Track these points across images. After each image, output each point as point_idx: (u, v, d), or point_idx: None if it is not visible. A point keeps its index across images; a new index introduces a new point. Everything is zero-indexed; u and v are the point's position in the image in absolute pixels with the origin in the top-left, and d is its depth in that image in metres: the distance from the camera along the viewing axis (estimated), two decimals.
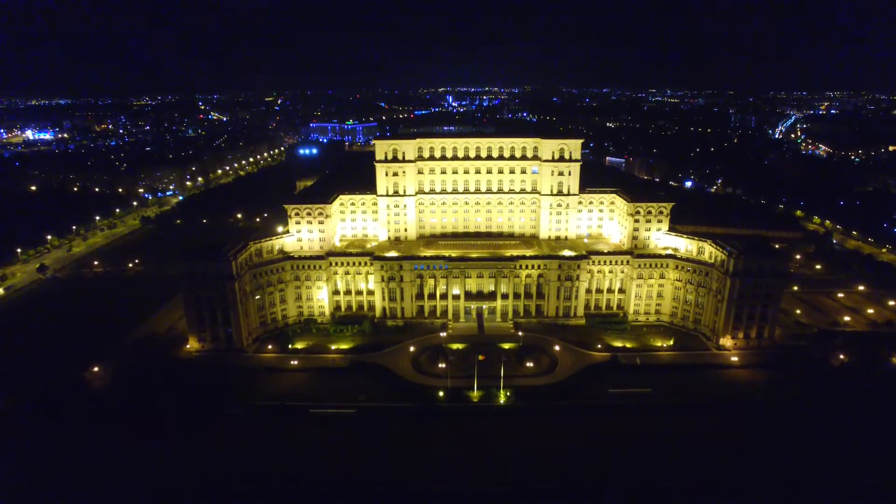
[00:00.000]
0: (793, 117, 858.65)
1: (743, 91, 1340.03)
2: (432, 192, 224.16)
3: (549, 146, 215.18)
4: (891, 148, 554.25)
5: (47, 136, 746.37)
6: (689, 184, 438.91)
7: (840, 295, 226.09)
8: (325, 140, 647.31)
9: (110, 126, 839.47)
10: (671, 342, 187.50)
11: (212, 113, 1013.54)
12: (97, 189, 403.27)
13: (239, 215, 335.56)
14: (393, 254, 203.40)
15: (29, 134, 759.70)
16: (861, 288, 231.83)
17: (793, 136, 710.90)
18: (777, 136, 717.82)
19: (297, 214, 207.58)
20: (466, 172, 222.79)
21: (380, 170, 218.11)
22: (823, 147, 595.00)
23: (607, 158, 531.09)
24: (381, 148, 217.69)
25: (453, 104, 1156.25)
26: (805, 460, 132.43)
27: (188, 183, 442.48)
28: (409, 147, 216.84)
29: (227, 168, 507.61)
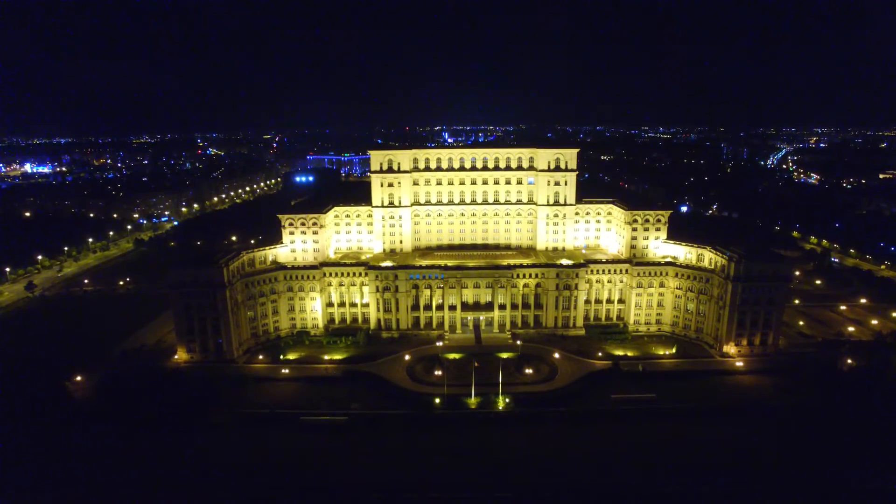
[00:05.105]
0: (783, 150, 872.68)
1: (734, 127, 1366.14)
2: (428, 203, 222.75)
3: (544, 156, 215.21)
4: (881, 176, 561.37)
5: (46, 170, 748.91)
6: (684, 209, 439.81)
7: (842, 308, 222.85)
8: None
9: (109, 161, 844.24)
10: (674, 350, 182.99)
11: (210, 149, 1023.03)
12: (92, 215, 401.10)
13: (234, 237, 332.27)
14: (388, 263, 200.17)
15: (28, 167, 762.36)
16: (863, 301, 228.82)
17: (784, 166, 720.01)
18: (769, 167, 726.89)
19: (290, 224, 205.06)
20: (462, 183, 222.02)
21: (375, 180, 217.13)
22: (815, 176, 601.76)
23: None
24: (377, 158, 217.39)
25: (449, 140, 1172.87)
26: (816, 463, 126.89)
27: (183, 209, 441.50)
28: (404, 157, 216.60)
29: (223, 196, 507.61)
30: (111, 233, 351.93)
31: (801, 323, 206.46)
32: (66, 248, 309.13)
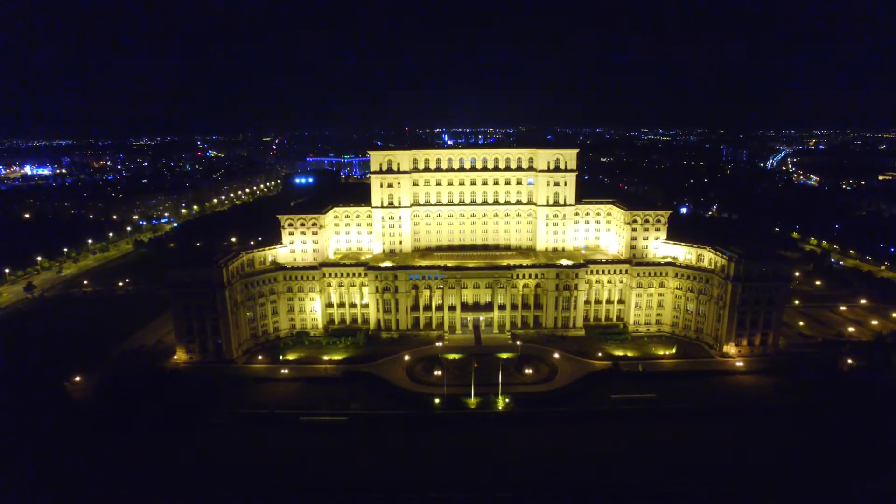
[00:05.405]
0: (783, 152, 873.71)
1: (734, 129, 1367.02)
2: (427, 203, 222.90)
3: (544, 156, 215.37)
4: (880, 177, 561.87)
5: (45, 172, 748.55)
6: (684, 210, 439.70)
7: (842, 308, 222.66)
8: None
9: (108, 163, 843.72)
10: (673, 350, 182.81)
11: (210, 151, 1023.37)
12: (91, 216, 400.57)
13: (233, 238, 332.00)
14: (388, 264, 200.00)
15: (27, 169, 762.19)
16: (863, 302, 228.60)
17: (784, 168, 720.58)
18: (769, 168, 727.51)
19: (290, 225, 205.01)
20: (462, 184, 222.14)
21: (375, 181, 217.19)
22: (815, 177, 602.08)
23: None
24: (376, 159, 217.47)
25: (449, 142, 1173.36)
26: (816, 464, 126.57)
27: (183, 211, 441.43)
28: (404, 158, 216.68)
29: (223, 198, 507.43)
30: (111, 234, 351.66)
31: (801, 323, 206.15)
32: (65, 250, 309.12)
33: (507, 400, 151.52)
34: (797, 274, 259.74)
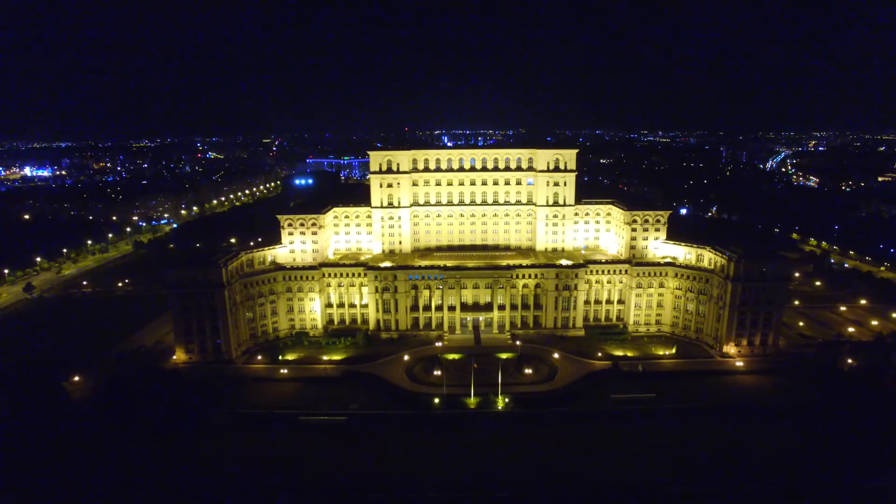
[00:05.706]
0: (783, 153, 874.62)
1: (733, 131, 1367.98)
2: (427, 204, 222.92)
3: (543, 156, 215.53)
4: (880, 178, 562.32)
5: (45, 174, 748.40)
6: (683, 211, 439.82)
7: (842, 309, 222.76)
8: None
9: (108, 164, 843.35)
10: (673, 350, 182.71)
11: (210, 152, 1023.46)
12: (91, 217, 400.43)
13: (233, 239, 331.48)
14: (387, 264, 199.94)
15: (27, 171, 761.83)
16: (863, 302, 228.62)
17: (784, 169, 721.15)
18: (769, 170, 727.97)
19: (290, 225, 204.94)
20: (461, 184, 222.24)
21: (374, 181, 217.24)
22: (814, 179, 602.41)
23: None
24: (376, 159, 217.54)
25: (448, 144, 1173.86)
26: (816, 464, 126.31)
27: (183, 212, 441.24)
28: (403, 158, 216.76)
29: (223, 199, 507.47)
30: (110, 235, 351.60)
31: (801, 324, 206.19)
32: (64, 251, 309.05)
33: (506, 400, 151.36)
34: (797, 274, 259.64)
